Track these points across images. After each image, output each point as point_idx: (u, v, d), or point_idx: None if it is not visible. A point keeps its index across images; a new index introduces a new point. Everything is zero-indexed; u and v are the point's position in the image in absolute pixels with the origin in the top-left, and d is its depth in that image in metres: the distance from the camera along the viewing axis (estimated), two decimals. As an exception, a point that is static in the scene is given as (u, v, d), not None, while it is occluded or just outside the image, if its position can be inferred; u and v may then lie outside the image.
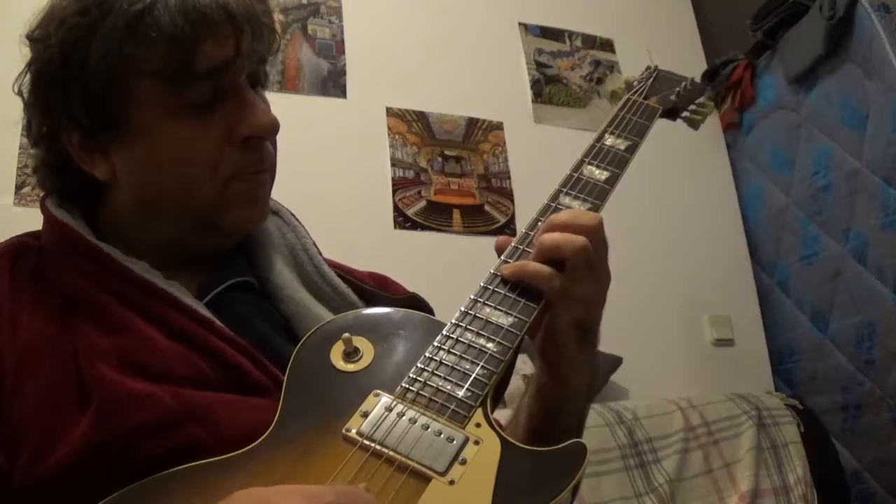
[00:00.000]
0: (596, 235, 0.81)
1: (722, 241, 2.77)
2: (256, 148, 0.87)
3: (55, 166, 0.89)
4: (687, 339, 2.59)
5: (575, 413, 0.87)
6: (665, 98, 1.07)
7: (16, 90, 0.87)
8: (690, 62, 2.94)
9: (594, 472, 2.02)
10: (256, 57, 0.85)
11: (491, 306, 0.81)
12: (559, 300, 0.80)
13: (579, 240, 0.79)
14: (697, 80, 1.13)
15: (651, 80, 1.10)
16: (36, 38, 0.84)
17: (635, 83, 1.10)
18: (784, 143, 2.65)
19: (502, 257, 0.85)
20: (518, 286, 0.82)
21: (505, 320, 0.79)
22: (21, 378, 0.74)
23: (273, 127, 0.87)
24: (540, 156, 2.57)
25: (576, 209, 0.86)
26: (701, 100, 1.11)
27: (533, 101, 2.71)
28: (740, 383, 2.48)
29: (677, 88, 1.09)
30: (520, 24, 2.80)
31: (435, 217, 2.42)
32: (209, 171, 0.84)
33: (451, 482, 0.66)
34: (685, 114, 1.10)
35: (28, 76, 0.86)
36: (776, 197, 2.69)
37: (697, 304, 2.64)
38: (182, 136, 0.83)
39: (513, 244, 0.86)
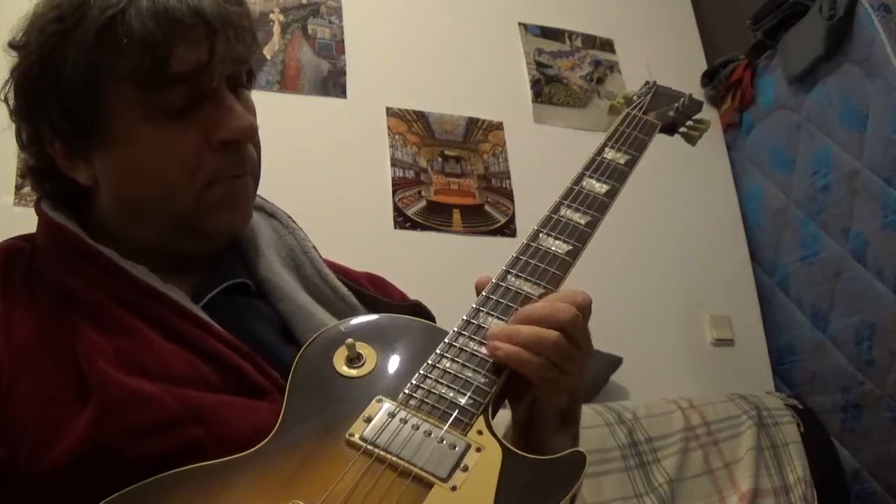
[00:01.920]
0: (574, 325, 0.77)
1: (722, 241, 2.77)
2: (235, 151, 0.87)
3: (43, 171, 0.89)
4: (687, 339, 2.59)
5: None
6: (664, 114, 1.09)
7: (2, 98, 0.88)
8: (690, 62, 2.95)
9: (594, 473, 2.02)
10: (232, 59, 0.85)
11: (494, 316, 0.81)
12: (545, 390, 0.78)
13: (552, 336, 0.76)
14: (696, 96, 1.14)
15: (650, 95, 1.12)
16: (18, 46, 0.85)
17: (634, 98, 1.12)
18: (784, 143, 2.65)
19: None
20: (519, 297, 0.83)
21: None
22: (16, 377, 0.75)
23: (250, 130, 0.87)
24: (540, 156, 2.58)
25: (553, 302, 0.80)
26: (698, 116, 1.13)
27: (533, 101, 2.70)
28: (740, 383, 2.48)
29: (675, 104, 1.11)
30: (520, 24, 2.80)
31: (435, 217, 2.42)
32: (187, 176, 0.84)
33: (454, 488, 0.67)
34: (683, 129, 1.12)
35: (12, 83, 0.86)
36: (776, 197, 2.69)
37: (697, 304, 2.64)
38: (159, 141, 0.83)
39: (525, 241, 0.87)
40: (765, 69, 2.76)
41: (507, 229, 2.46)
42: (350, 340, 0.80)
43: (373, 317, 0.91)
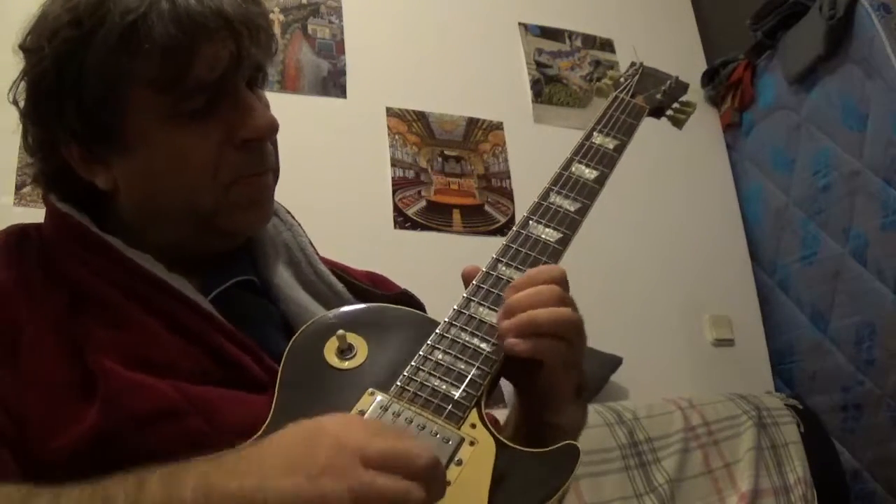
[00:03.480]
0: (566, 294, 0.80)
1: (722, 241, 2.77)
2: (256, 149, 0.86)
3: (55, 175, 0.88)
4: (687, 339, 2.59)
5: None
6: (651, 97, 1.08)
7: (11, 99, 0.87)
8: (690, 62, 2.94)
9: (594, 472, 2.02)
10: (254, 60, 0.85)
11: (485, 306, 0.81)
12: (562, 371, 0.79)
13: (566, 313, 0.78)
14: (682, 78, 1.13)
15: (637, 76, 1.10)
16: (28, 49, 0.83)
17: (621, 80, 1.11)
18: (784, 143, 2.65)
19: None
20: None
21: None
22: (30, 358, 0.75)
23: (272, 127, 0.87)
24: (540, 156, 2.56)
25: (538, 274, 0.81)
26: (684, 98, 1.11)
27: (533, 101, 2.70)
28: (740, 383, 2.48)
29: (662, 87, 1.10)
30: (520, 24, 2.80)
31: (435, 217, 2.42)
32: (210, 176, 0.84)
33: (447, 482, 0.67)
34: (669, 112, 1.11)
35: (22, 86, 0.85)
36: (776, 197, 2.69)
37: (697, 304, 2.64)
38: (181, 143, 0.82)
39: (515, 228, 0.87)
40: (765, 69, 2.76)
41: (507, 229, 2.44)
42: (341, 332, 0.79)
43: (363, 306, 0.90)
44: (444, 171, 2.50)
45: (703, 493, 2.12)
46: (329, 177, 2.31)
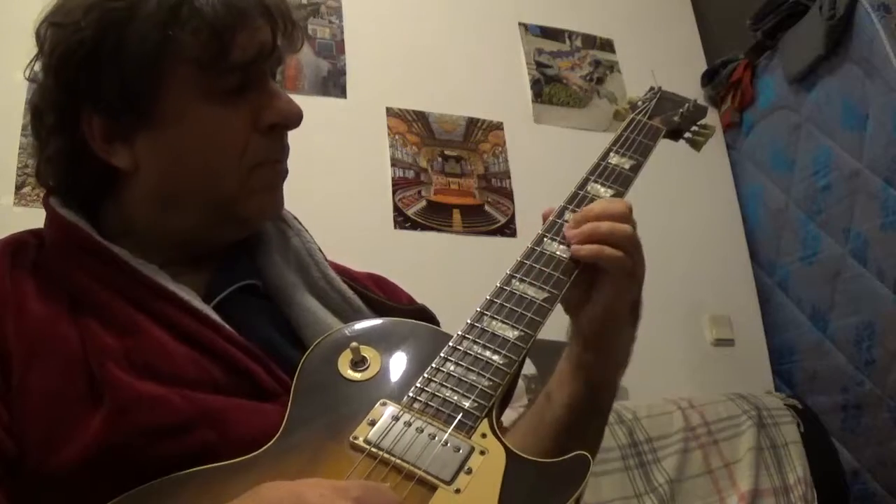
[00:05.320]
0: (630, 218, 0.86)
1: (722, 241, 2.77)
2: (279, 137, 0.89)
3: (67, 159, 0.87)
4: (687, 339, 2.59)
5: (614, 387, 0.92)
6: (668, 119, 1.08)
7: (27, 75, 0.88)
8: (690, 62, 2.95)
9: (594, 472, 1.99)
10: (281, 53, 0.88)
11: (497, 319, 0.81)
12: (626, 281, 0.83)
13: (627, 228, 0.83)
14: (698, 98, 1.14)
15: (655, 100, 1.12)
16: (59, 24, 0.83)
17: (639, 103, 1.12)
18: (784, 143, 2.65)
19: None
20: (523, 301, 0.83)
21: (511, 333, 0.80)
22: (27, 370, 0.75)
23: (298, 115, 0.89)
24: (540, 156, 2.57)
25: (606, 199, 0.90)
26: (703, 121, 1.12)
27: (533, 101, 2.70)
28: (740, 383, 2.48)
29: (680, 110, 1.11)
30: (520, 24, 2.80)
31: (435, 217, 2.42)
32: (235, 157, 0.85)
33: (457, 491, 0.67)
34: (687, 135, 1.12)
35: (40, 64, 0.85)
36: (776, 197, 2.69)
37: (697, 304, 2.64)
38: (212, 121, 0.84)
39: (530, 245, 0.88)
40: (765, 69, 2.76)
41: (507, 229, 2.46)
42: (354, 344, 0.80)
43: (377, 321, 0.91)
44: (444, 171, 2.50)
45: (703, 493, 2.12)
46: (329, 177, 2.31)
